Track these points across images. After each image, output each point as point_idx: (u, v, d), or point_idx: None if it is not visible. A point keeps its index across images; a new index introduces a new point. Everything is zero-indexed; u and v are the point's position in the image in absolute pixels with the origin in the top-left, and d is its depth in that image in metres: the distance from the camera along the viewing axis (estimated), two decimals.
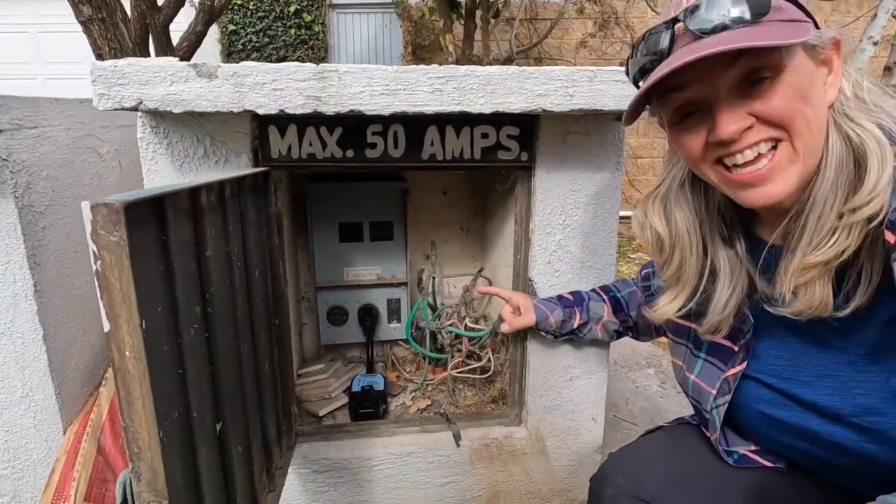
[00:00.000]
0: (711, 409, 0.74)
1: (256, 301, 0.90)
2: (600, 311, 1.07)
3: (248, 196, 0.87)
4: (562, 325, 1.08)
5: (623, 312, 1.05)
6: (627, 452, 0.83)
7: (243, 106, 0.84)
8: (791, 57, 0.55)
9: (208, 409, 0.67)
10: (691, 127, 0.61)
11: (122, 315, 0.44)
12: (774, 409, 0.68)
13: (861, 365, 0.60)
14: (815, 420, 0.64)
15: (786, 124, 0.56)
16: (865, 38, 2.74)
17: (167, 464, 0.54)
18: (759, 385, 0.70)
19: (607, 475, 0.80)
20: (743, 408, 0.72)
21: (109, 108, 0.79)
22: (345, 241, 1.47)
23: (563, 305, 1.09)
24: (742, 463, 0.74)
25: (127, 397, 0.46)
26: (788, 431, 0.68)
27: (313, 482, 1.16)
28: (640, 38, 0.62)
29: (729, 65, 0.55)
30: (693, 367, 0.78)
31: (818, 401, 0.63)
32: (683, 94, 0.60)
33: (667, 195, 0.73)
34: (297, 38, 5.87)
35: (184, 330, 0.59)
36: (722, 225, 0.70)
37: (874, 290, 0.56)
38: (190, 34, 3.46)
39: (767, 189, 0.58)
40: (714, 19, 0.54)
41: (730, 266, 0.68)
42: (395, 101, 0.88)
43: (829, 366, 0.63)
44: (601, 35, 5.65)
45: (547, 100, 0.93)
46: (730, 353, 0.73)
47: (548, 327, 1.09)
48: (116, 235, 0.43)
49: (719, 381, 0.73)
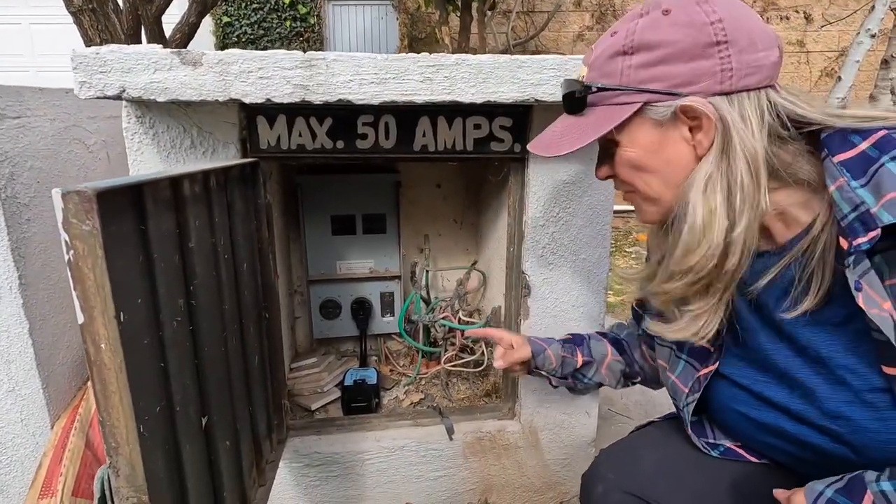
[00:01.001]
0: (682, 406, 0.75)
1: (245, 294, 0.89)
2: (603, 349, 0.98)
3: (235, 187, 0.86)
4: (563, 363, 0.97)
5: (627, 354, 0.97)
6: (617, 448, 0.83)
7: (229, 94, 0.82)
8: (624, 133, 0.64)
9: (193, 403, 0.66)
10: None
11: (96, 307, 0.43)
12: (751, 410, 0.68)
13: (815, 367, 0.61)
14: (787, 421, 0.64)
15: (630, 183, 0.67)
16: (863, 30, 2.72)
17: (148, 458, 0.53)
18: (733, 385, 0.70)
19: (598, 471, 0.80)
20: (721, 407, 0.73)
21: (91, 96, 0.77)
22: (337, 233, 1.46)
23: (561, 342, 1.00)
24: (729, 455, 0.75)
25: (103, 391, 0.45)
26: (765, 430, 0.68)
27: (305, 476, 1.15)
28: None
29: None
30: (675, 368, 0.78)
31: (787, 403, 0.64)
32: None
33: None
34: (293, 31, 5.82)
35: (165, 322, 0.58)
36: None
37: (825, 293, 0.58)
38: (183, 25, 3.42)
39: (639, 216, 0.70)
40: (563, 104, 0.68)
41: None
42: (384, 89, 0.86)
43: (788, 368, 0.64)
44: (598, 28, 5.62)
45: (539, 89, 0.91)
46: (706, 353, 0.73)
47: (546, 363, 0.97)
48: (89, 224, 0.41)
49: (692, 380, 0.74)
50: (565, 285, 1.16)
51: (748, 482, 0.72)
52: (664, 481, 0.74)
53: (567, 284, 1.16)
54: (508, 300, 1.23)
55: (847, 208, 0.53)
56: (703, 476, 0.73)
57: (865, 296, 0.51)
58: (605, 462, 0.81)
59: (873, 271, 0.52)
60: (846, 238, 0.53)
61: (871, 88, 2.82)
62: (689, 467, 0.75)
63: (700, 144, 0.60)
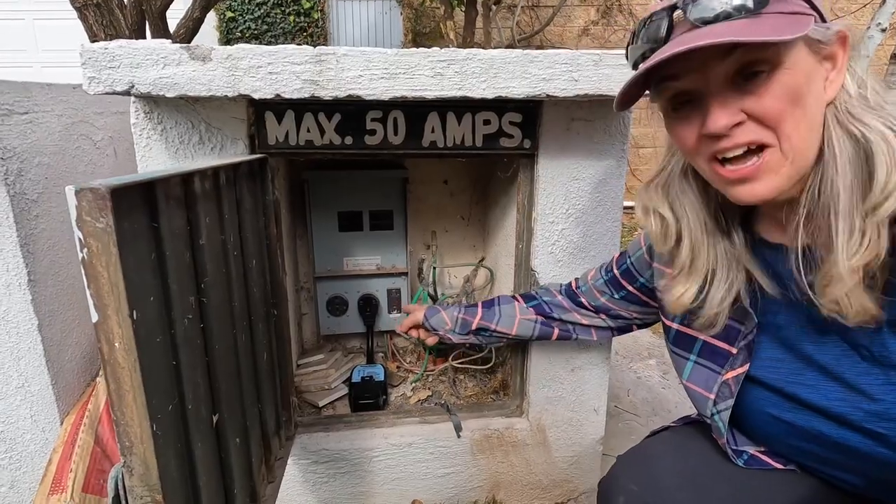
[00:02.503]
0: (712, 414, 0.72)
1: (254, 291, 0.88)
2: (511, 311, 1.06)
3: (244, 183, 0.85)
4: (459, 323, 1.08)
5: (550, 317, 1.04)
6: (635, 456, 0.80)
7: (238, 90, 0.82)
8: (789, 52, 0.53)
9: (204, 401, 0.66)
10: (685, 118, 0.60)
11: (110, 305, 0.43)
12: (784, 413, 0.66)
13: (868, 367, 0.58)
14: (825, 423, 0.62)
15: (775, 125, 0.54)
16: (874, 24, 2.69)
17: (161, 457, 0.53)
18: (764, 388, 0.68)
19: (618, 481, 0.77)
20: (749, 411, 0.70)
21: (100, 92, 0.77)
22: (344, 230, 1.45)
23: (465, 306, 1.10)
24: (752, 464, 0.72)
25: (117, 390, 0.44)
26: (797, 434, 0.66)
27: (313, 473, 1.15)
28: (641, 24, 0.60)
29: (723, 57, 0.53)
30: (683, 371, 0.76)
31: (826, 405, 0.62)
32: (678, 83, 0.58)
33: (669, 183, 0.71)
34: (296, 26, 5.79)
35: (177, 320, 0.58)
36: (722, 216, 0.69)
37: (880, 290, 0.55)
38: (187, 21, 3.41)
39: (755, 188, 0.57)
40: (716, 7, 0.52)
41: (726, 259, 0.67)
42: (394, 85, 0.86)
43: (835, 368, 0.61)
44: (604, 22, 5.58)
45: (551, 85, 0.90)
46: (725, 355, 0.71)
47: (440, 324, 1.10)
48: (103, 222, 0.41)
49: (717, 384, 0.71)
50: None
51: (775, 490, 0.70)
52: (688, 493, 0.71)
53: None
54: None
55: None
56: (729, 485, 0.71)
57: None
58: (625, 472, 0.78)
59: None
60: None
61: None
62: (713, 476, 0.72)
63: (832, 85, 0.56)
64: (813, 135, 0.55)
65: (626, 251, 0.92)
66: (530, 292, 1.09)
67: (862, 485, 0.64)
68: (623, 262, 0.92)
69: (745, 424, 0.73)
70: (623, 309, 0.94)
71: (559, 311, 1.02)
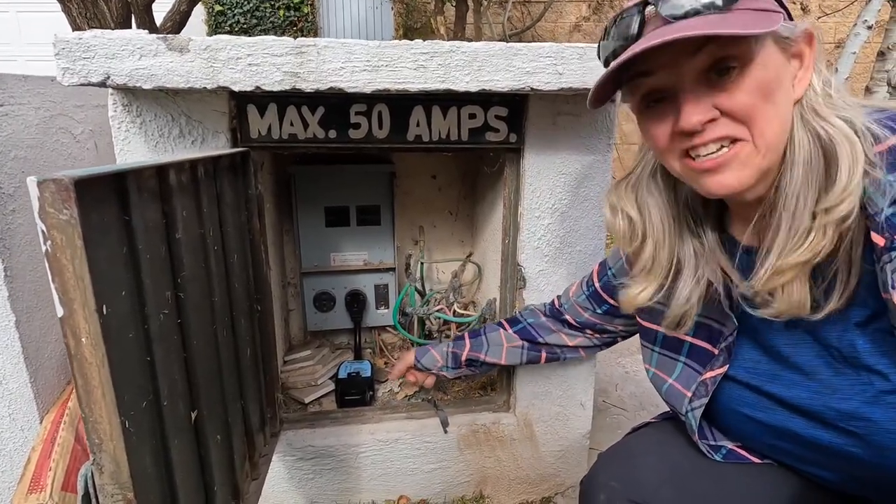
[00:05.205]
0: (686, 411, 0.73)
1: (235, 286, 0.87)
2: (497, 339, 1.05)
3: (224, 177, 0.84)
4: (450, 358, 1.07)
5: (536, 343, 1.03)
6: (616, 453, 0.81)
7: (217, 82, 0.80)
8: (760, 48, 0.53)
9: (182, 397, 0.65)
10: (658, 115, 0.59)
11: (76, 299, 0.42)
12: (757, 412, 0.67)
13: (839, 367, 0.59)
14: (799, 422, 0.63)
15: (748, 121, 0.54)
16: (860, 21, 2.71)
17: (134, 454, 0.52)
18: (741, 387, 0.68)
19: (599, 479, 0.77)
20: (724, 409, 0.71)
21: (75, 83, 0.75)
22: (331, 225, 1.44)
23: (453, 340, 1.09)
24: (731, 458, 0.73)
25: (85, 386, 0.43)
26: (771, 433, 0.66)
27: (299, 469, 1.15)
28: (612, 21, 0.60)
29: (695, 52, 0.53)
30: (672, 371, 0.76)
31: (800, 403, 0.62)
32: (650, 80, 0.58)
33: (637, 183, 0.71)
34: (286, 20, 5.73)
35: (152, 315, 0.57)
36: (689, 216, 0.69)
37: (850, 292, 0.55)
38: (174, 14, 3.36)
39: (724, 178, 0.57)
40: (686, 3, 0.52)
41: (695, 258, 0.67)
42: (377, 77, 0.84)
43: (810, 368, 0.62)
44: (595, 18, 5.57)
45: (535, 78, 0.90)
46: (708, 355, 0.71)
47: (433, 363, 1.08)
48: (67, 213, 0.40)
49: (695, 383, 0.72)
50: (561, 277, 1.15)
51: (754, 484, 0.70)
52: (669, 488, 0.71)
53: (563, 276, 1.15)
54: (503, 292, 1.22)
55: (883, 202, 0.51)
56: (709, 480, 0.71)
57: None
58: (605, 469, 0.78)
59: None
60: (881, 233, 0.50)
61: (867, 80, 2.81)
62: (693, 472, 0.73)
63: (800, 84, 0.56)
64: (784, 132, 0.56)
65: (606, 261, 0.92)
66: (515, 316, 1.07)
67: (838, 481, 0.65)
68: (604, 273, 0.91)
69: (721, 422, 0.74)
70: (608, 322, 0.94)
71: (545, 332, 1.01)
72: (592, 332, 0.97)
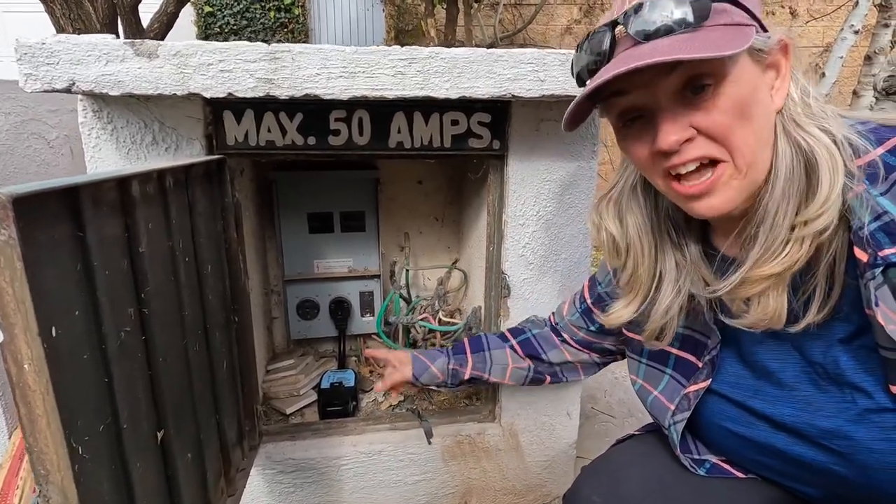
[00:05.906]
0: (669, 425, 0.72)
1: (210, 298, 0.85)
2: (503, 359, 0.98)
3: (198, 186, 0.81)
4: (451, 374, 0.98)
5: (537, 359, 0.96)
6: (599, 466, 0.80)
7: (188, 88, 0.78)
8: (734, 64, 0.52)
9: (146, 418, 0.63)
10: (636, 133, 0.58)
11: (17, 324, 0.39)
12: (740, 427, 0.66)
13: (823, 384, 0.58)
14: (782, 438, 0.62)
15: (724, 140, 0.53)
16: (847, 26, 2.72)
17: (90, 481, 0.49)
18: (724, 401, 0.67)
19: (582, 493, 0.76)
20: (707, 423, 0.70)
21: (38, 89, 0.72)
22: (314, 232, 1.41)
23: (450, 354, 1.00)
24: (715, 472, 0.72)
25: (28, 415, 0.41)
26: (754, 448, 0.65)
27: (279, 483, 1.12)
28: (585, 38, 0.58)
29: (668, 73, 0.52)
30: (657, 383, 0.75)
31: (783, 420, 0.61)
32: (625, 99, 0.57)
33: (619, 198, 0.70)
34: (277, 22, 5.70)
35: (110, 334, 0.54)
36: (671, 229, 0.67)
37: (831, 307, 0.55)
38: (161, 15, 3.31)
39: (711, 202, 0.56)
40: (656, 21, 0.51)
41: (676, 270, 0.66)
42: (353, 84, 0.82)
43: (793, 384, 0.61)
44: (587, 21, 5.58)
45: (517, 85, 0.88)
46: (693, 368, 0.70)
47: (433, 380, 0.99)
48: (4, 234, 0.37)
49: (679, 396, 0.71)
50: (546, 286, 1.13)
51: (738, 498, 0.69)
52: (652, 502, 0.70)
53: (548, 285, 1.13)
54: (488, 300, 1.20)
55: (868, 216, 0.50)
56: (693, 494, 0.70)
57: (882, 312, 0.49)
58: (588, 483, 0.77)
59: (886, 286, 0.49)
60: (864, 249, 0.50)
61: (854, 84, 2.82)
62: (677, 485, 0.72)
63: (778, 93, 0.55)
64: (764, 146, 0.54)
65: (595, 277, 0.89)
66: (519, 326, 1.02)
67: (822, 497, 0.64)
68: (594, 289, 0.89)
69: (704, 436, 0.73)
70: (604, 340, 0.90)
71: (548, 346, 0.96)
72: (590, 351, 0.94)
